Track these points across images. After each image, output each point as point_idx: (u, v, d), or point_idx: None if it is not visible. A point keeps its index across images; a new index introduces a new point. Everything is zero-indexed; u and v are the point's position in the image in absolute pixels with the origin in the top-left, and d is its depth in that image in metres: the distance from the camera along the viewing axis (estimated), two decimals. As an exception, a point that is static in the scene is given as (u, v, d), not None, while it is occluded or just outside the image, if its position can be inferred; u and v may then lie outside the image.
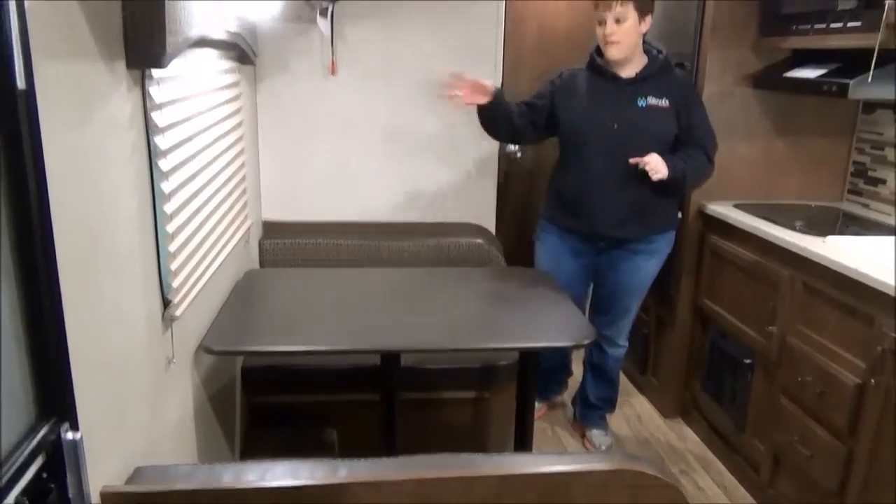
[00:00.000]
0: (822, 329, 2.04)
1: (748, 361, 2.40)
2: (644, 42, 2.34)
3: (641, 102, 2.31)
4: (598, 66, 2.36)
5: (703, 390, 2.75)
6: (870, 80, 2.01)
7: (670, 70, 2.38)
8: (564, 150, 2.46)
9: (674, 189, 2.37)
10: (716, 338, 2.64)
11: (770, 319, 2.26)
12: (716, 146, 2.38)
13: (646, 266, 2.50)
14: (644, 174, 2.25)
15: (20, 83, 0.89)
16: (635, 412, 3.01)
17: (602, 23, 2.25)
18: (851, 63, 2.19)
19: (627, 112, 2.30)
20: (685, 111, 2.33)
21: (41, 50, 0.95)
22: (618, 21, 2.23)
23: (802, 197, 2.74)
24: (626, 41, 2.25)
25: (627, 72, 2.33)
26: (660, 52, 2.37)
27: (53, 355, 1.00)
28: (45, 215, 0.97)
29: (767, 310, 2.27)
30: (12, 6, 0.88)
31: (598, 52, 2.38)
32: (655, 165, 2.23)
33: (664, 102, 2.32)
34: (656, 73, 2.33)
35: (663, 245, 2.50)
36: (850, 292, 1.91)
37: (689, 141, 2.34)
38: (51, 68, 1.01)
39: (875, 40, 1.95)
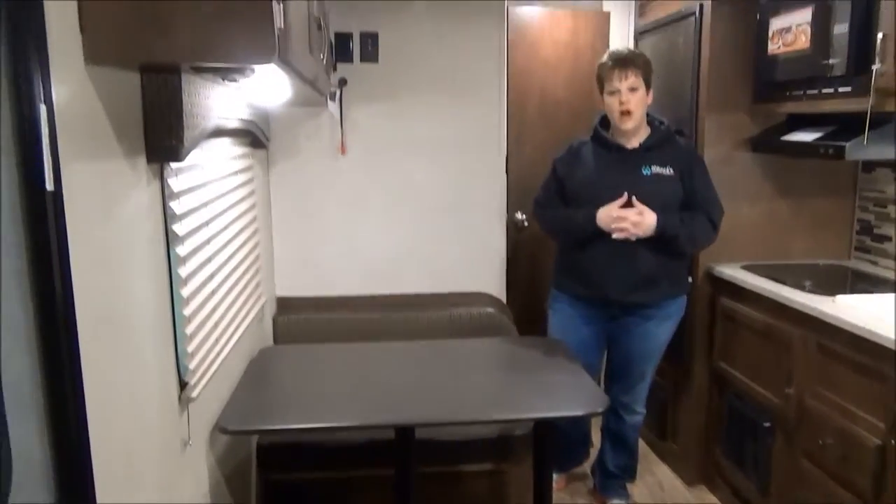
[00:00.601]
0: (839, 389, 2.02)
1: (767, 425, 2.37)
2: (647, 114, 2.42)
3: (646, 171, 2.37)
4: (603, 138, 2.43)
5: (724, 455, 2.70)
6: (865, 142, 2.06)
7: (673, 139, 2.45)
8: None
9: (671, 250, 2.39)
10: (733, 401, 2.61)
11: (786, 381, 2.24)
12: (721, 211, 2.42)
13: (659, 331, 2.50)
14: (652, 240, 2.30)
15: (49, 185, 0.95)
16: (657, 480, 2.95)
17: (614, 93, 2.33)
18: (847, 124, 2.24)
19: (634, 181, 2.35)
20: (689, 178, 2.39)
21: (69, 153, 1.02)
22: (631, 90, 2.31)
23: (810, 256, 2.75)
24: (638, 111, 2.34)
25: (632, 142, 2.40)
26: (661, 122, 2.44)
27: (75, 443, 1.02)
28: (69, 305, 1.01)
29: (783, 371, 2.26)
30: (43, 115, 0.95)
31: (602, 124, 2.46)
32: (638, 223, 2.28)
33: (669, 171, 2.37)
34: (659, 143, 2.40)
35: (675, 310, 2.51)
36: (864, 351, 1.90)
37: (693, 206, 2.39)
38: (77, 169, 1.07)
39: (866, 104, 2.01)
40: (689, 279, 2.60)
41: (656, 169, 2.37)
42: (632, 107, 2.31)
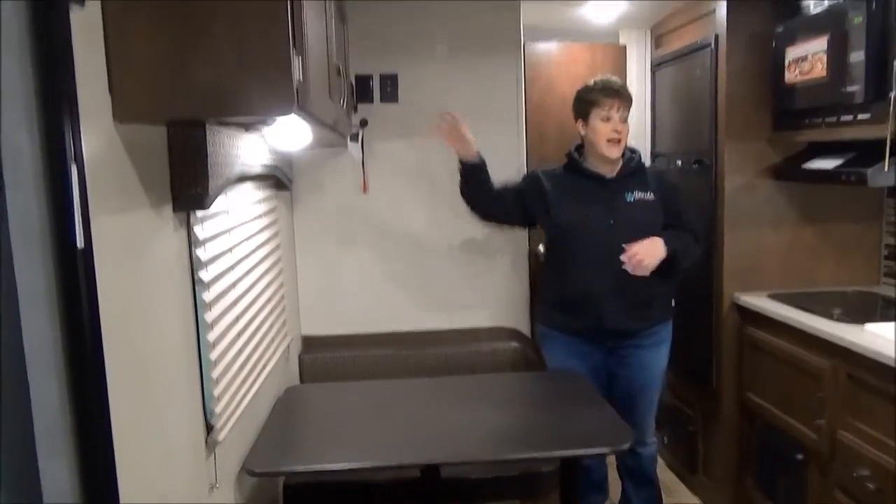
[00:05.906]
0: (871, 421, 1.98)
1: (800, 457, 2.32)
2: None
3: (630, 198, 2.39)
4: (580, 167, 2.44)
5: (756, 488, 2.64)
6: (886, 168, 2.04)
7: (644, 166, 2.50)
8: (559, 253, 2.48)
9: (669, 270, 2.37)
10: (764, 432, 2.56)
11: (818, 412, 2.19)
12: (701, 228, 2.47)
13: (655, 358, 2.50)
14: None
15: (79, 242, 0.98)
16: (689, 514, 2.89)
17: (609, 120, 2.35)
18: (868, 150, 2.22)
19: (619, 208, 2.38)
20: (671, 201, 2.44)
21: (98, 207, 1.06)
22: (622, 121, 2.36)
23: (838, 283, 2.71)
24: (625, 141, 2.39)
25: (609, 171, 2.42)
26: (633, 151, 2.48)
27: (104, 489, 1.04)
28: (98, 356, 1.04)
29: (813, 402, 2.21)
30: (74, 173, 0.99)
31: (578, 151, 2.47)
32: (642, 256, 2.27)
33: (650, 196, 2.41)
34: (634, 171, 2.44)
35: (666, 335, 2.52)
36: (894, 381, 1.86)
37: (678, 226, 2.43)
38: (106, 222, 1.11)
39: (886, 131, 1.99)
40: (672, 303, 2.57)
41: (639, 195, 2.40)
42: (624, 137, 2.36)
